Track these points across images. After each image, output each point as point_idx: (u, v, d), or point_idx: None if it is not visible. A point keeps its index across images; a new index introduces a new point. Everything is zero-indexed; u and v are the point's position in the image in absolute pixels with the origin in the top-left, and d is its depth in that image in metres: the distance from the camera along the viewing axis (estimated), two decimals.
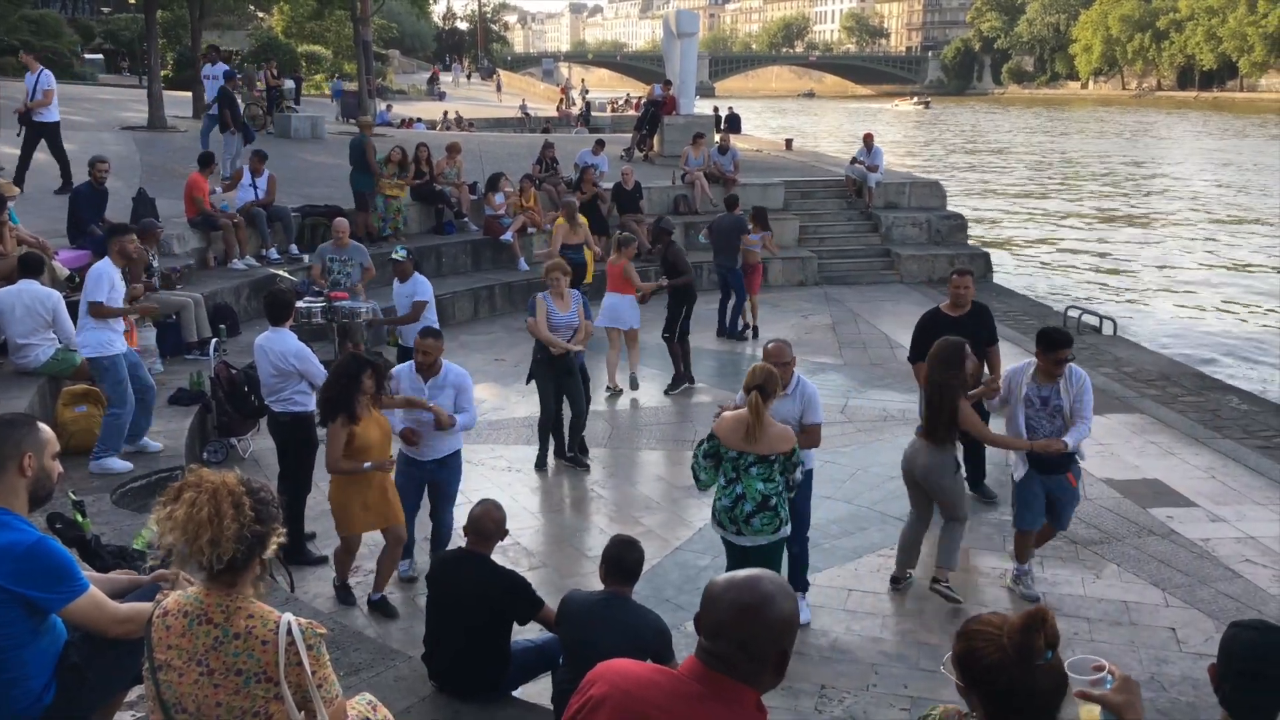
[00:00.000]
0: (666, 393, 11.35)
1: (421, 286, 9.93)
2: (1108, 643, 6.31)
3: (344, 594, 6.74)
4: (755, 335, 13.77)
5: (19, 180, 13.77)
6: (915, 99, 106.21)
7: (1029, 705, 2.22)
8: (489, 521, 5.16)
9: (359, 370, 6.22)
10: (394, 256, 10.17)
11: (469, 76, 69.44)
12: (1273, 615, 6.43)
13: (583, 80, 72.28)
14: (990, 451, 8.45)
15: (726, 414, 5.93)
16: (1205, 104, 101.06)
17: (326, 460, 6.29)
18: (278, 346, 7.04)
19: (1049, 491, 6.73)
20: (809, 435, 6.43)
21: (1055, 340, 6.52)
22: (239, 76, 20.85)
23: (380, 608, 6.58)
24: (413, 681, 5.22)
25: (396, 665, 5.39)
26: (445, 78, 65.06)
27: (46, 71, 14.83)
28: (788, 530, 5.92)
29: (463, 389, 6.88)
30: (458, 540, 6.16)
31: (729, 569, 6.01)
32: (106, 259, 7.83)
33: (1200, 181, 40.20)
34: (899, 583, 6.99)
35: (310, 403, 7.17)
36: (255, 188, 13.93)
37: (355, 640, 5.64)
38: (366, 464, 6.27)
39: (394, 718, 3.66)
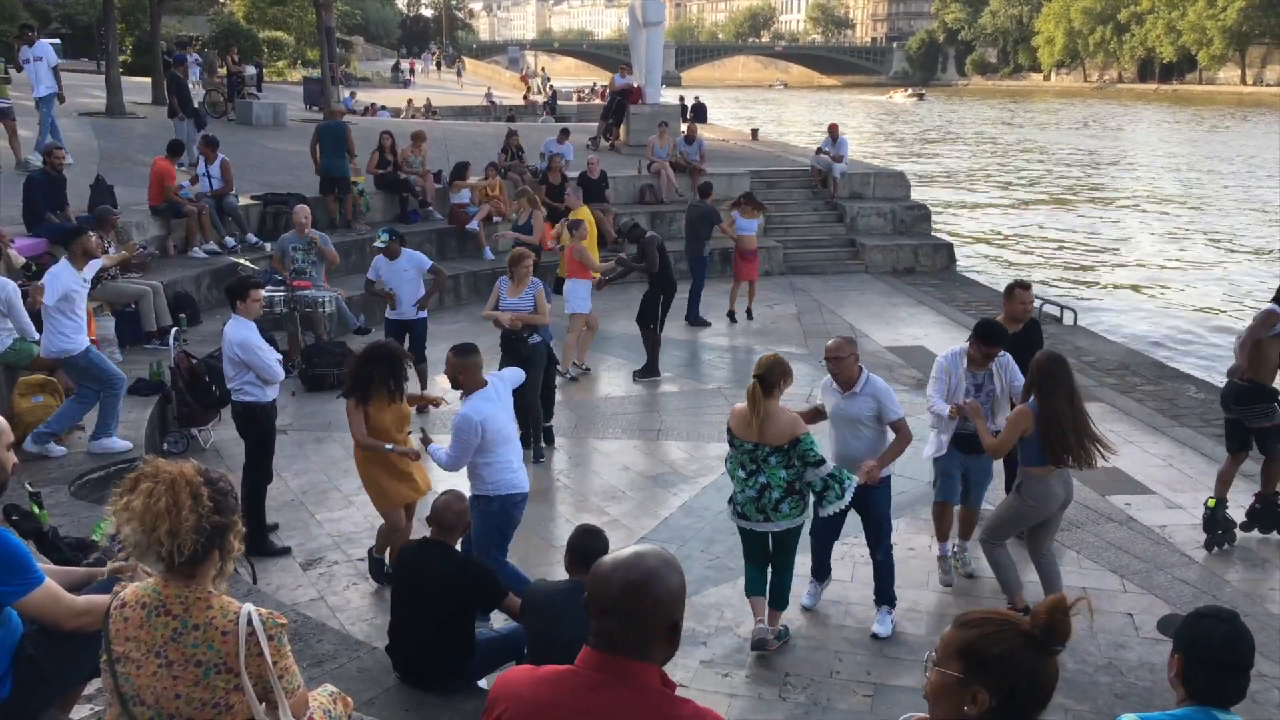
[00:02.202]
0: (635, 378, 11.43)
1: (422, 258, 10.19)
2: None
3: (377, 568, 6.76)
4: (750, 317, 14.05)
5: None
6: (910, 91, 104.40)
7: (1039, 692, 2.21)
8: (449, 513, 5.14)
9: (382, 360, 6.40)
10: (377, 244, 10.15)
11: (438, 66, 68.93)
12: (1227, 600, 6.56)
13: (543, 68, 71.81)
14: None
15: (738, 405, 5.99)
16: (1165, 96, 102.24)
17: (352, 434, 6.45)
18: (230, 335, 7.00)
19: (966, 470, 6.93)
20: (898, 433, 6.20)
21: (989, 335, 6.61)
22: (189, 60, 20.49)
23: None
24: (377, 673, 5.19)
25: (360, 656, 5.37)
26: (418, 66, 64.55)
27: None
28: (808, 515, 6.05)
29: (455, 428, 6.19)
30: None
31: (748, 557, 6.14)
32: (64, 262, 7.78)
33: (1161, 173, 40.70)
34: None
35: (263, 394, 7.11)
36: (209, 176, 13.75)
37: (319, 631, 5.61)
38: (388, 445, 6.34)
39: (357, 709, 3.65)
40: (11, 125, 15.37)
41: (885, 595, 6.41)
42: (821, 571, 6.67)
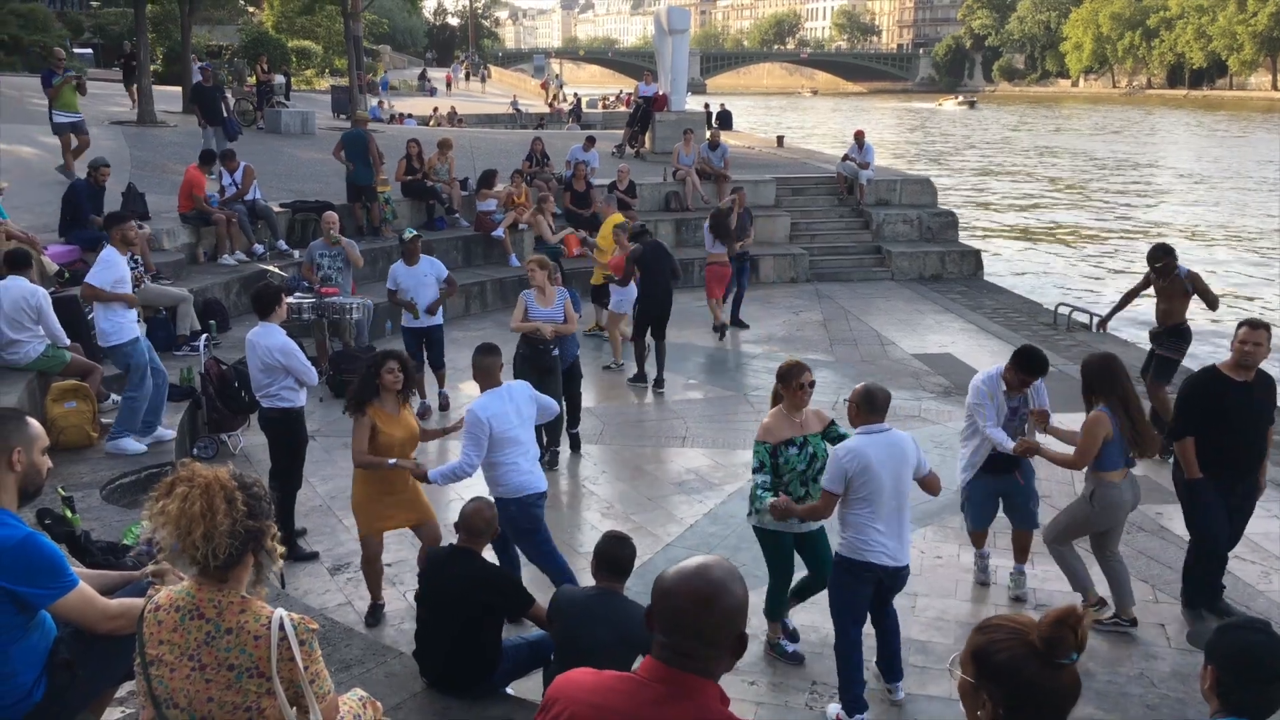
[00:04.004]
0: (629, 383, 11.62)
1: (441, 265, 10.43)
2: (1097, 638, 6.33)
3: (373, 615, 6.49)
4: (723, 335, 13.68)
5: None
6: (960, 98, 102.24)
7: (1046, 705, 2.19)
8: (479, 519, 5.14)
9: (381, 363, 6.23)
10: (404, 237, 10.38)
11: (466, 77, 69.30)
12: (1260, 610, 6.49)
13: (557, 74, 71.99)
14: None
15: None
16: (1195, 102, 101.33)
17: (352, 453, 6.24)
18: (264, 342, 7.03)
19: (1001, 493, 6.79)
20: (820, 501, 5.50)
21: (1034, 366, 6.43)
22: (207, 66, 20.71)
23: None
24: (404, 678, 5.21)
25: (388, 662, 5.39)
26: (454, 78, 64.77)
27: None
28: (753, 519, 5.96)
29: (465, 426, 6.17)
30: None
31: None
32: (110, 248, 7.96)
33: (1190, 179, 40.32)
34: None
35: (298, 399, 7.17)
36: (236, 185, 13.89)
37: (347, 636, 5.63)
38: (390, 460, 6.13)
39: (385, 714, 3.66)
40: (68, 139, 15.47)
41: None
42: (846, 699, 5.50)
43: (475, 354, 6.38)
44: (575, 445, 9.55)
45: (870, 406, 5.36)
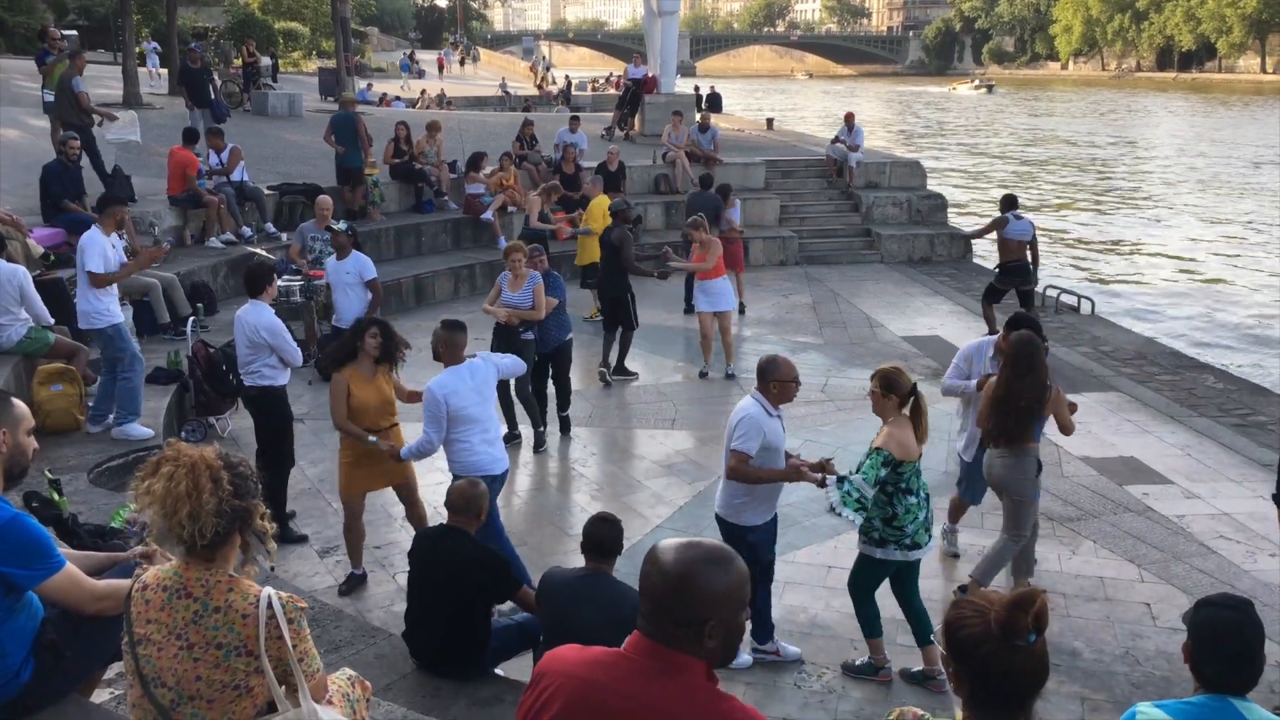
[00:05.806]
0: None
1: (368, 264, 9.70)
2: (1083, 618, 6.39)
3: (348, 585, 6.66)
4: (743, 312, 13.57)
5: None
6: (976, 82, 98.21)
7: (1007, 684, 2.21)
8: (458, 497, 5.15)
9: (365, 327, 6.52)
10: (333, 226, 9.88)
11: (461, 62, 68.77)
12: (1245, 590, 6.51)
13: (544, 57, 71.59)
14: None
15: (898, 430, 5.61)
16: (1184, 85, 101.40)
17: (331, 414, 6.50)
18: (251, 319, 7.03)
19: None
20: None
21: (1020, 328, 6.51)
22: (195, 48, 20.55)
23: None
24: (393, 659, 5.22)
25: (377, 643, 5.40)
26: (447, 62, 64.13)
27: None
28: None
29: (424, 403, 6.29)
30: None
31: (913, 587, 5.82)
32: (95, 228, 7.83)
33: (1179, 162, 40.39)
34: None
35: (280, 377, 7.16)
36: (222, 162, 13.79)
37: (336, 618, 5.64)
38: (372, 438, 6.37)
39: (375, 695, 3.66)
40: (58, 121, 15.29)
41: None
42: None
43: (441, 328, 6.40)
44: (565, 428, 9.56)
45: None
